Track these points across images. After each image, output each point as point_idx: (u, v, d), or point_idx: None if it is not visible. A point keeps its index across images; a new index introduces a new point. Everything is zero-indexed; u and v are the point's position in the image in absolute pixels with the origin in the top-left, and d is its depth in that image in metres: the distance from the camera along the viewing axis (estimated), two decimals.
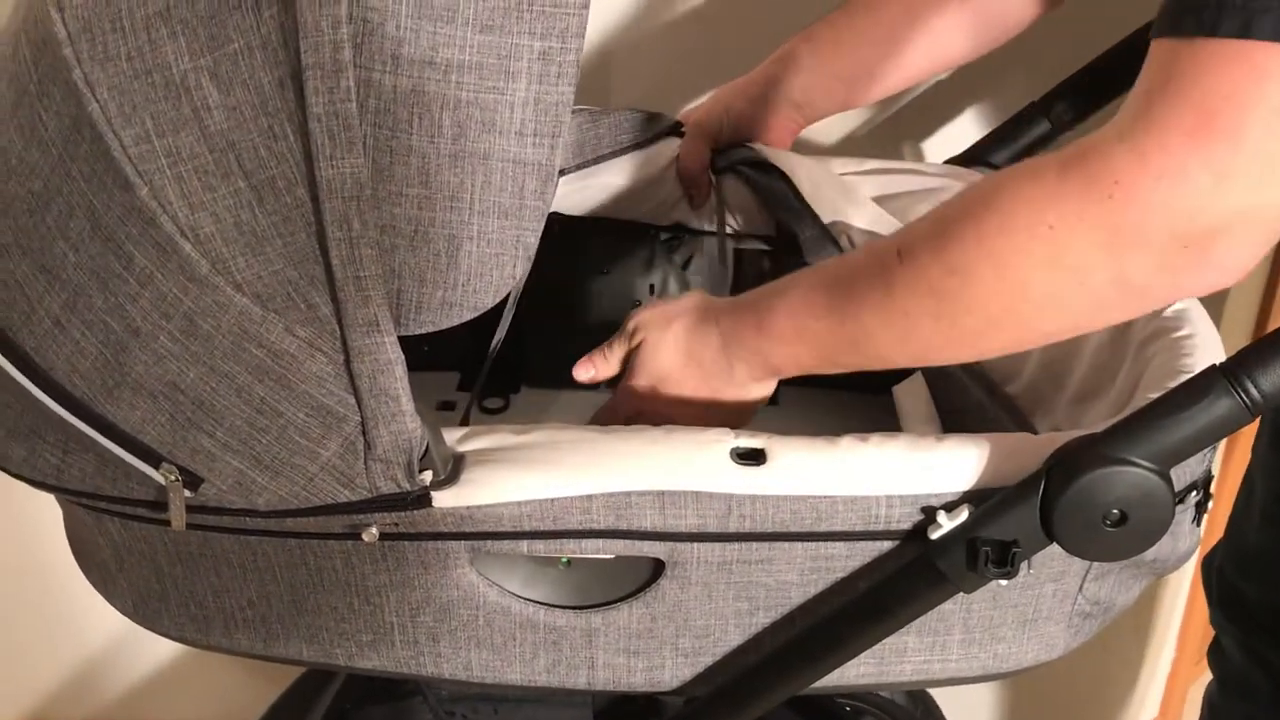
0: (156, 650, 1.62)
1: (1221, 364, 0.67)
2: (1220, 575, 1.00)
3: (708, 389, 0.81)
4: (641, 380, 0.83)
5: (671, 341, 0.82)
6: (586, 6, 0.64)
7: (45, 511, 1.37)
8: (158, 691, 1.65)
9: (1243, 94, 0.55)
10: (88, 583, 0.90)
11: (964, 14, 0.99)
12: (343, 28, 0.62)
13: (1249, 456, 1.02)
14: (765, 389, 0.82)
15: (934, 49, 1.01)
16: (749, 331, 0.78)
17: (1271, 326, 1.24)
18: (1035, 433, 0.88)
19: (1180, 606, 1.45)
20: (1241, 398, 0.65)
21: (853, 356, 0.74)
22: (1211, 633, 1.05)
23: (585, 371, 0.87)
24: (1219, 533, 1.02)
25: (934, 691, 1.21)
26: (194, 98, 0.64)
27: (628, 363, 0.85)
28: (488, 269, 0.68)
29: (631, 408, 0.85)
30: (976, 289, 0.65)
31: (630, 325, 0.85)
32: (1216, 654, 1.04)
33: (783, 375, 0.79)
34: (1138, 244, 0.59)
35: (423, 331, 0.69)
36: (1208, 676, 1.07)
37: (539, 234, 0.68)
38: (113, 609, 0.89)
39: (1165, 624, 1.47)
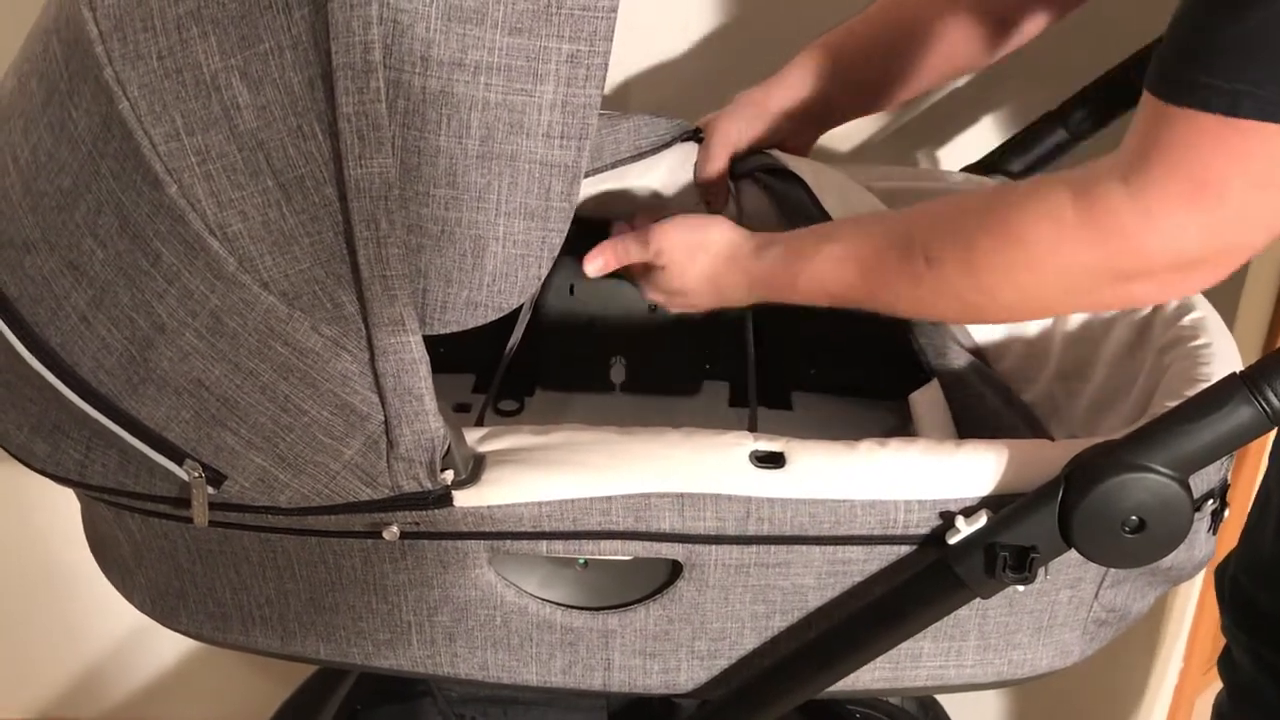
0: (165, 650, 1.62)
1: (1242, 372, 0.67)
2: (1234, 583, 1.00)
3: (719, 303, 0.89)
4: (655, 290, 0.91)
5: (696, 272, 0.87)
6: (615, 10, 0.64)
7: (56, 513, 1.38)
8: (166, 692, 1.65)
9: (1228, 169, 0.64)
10: (97, 584, 0.91)
11: (978, 20, 0.99)
12: (373, 29, 0.62)
13: (1260, 466, 1.02)
14: None
15: (950, 55, 1.02)
16: (780, 284, 0.84)
17: None
18: (1052, 439, 0.88)
19: (1189, 615, 1.45)
20: (1262, 406, 0.66)
21: (874, 312, 0.82)
22: (1222, 643, 1.05)
23: (594, 264, 0.91)
24: (1234, 540, 1.02)
25: (943, 699, 1.21)
26: (224, 97, 0.65)
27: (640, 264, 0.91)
28: (513, 269, 0.68)
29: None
30: (1000, 303, 0.74)
31: (654, 244, 0.88)
32: (1227, 663, 1.04)
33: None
34: (1141, 276, 0.69)
35: (448, 331, 0.69)
36: (1216, 686, 1.07)
37: (564, 235, 0.68)
38: (121, 609, 0.89)
39: (1174, 633, 1.47)
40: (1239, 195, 0.65)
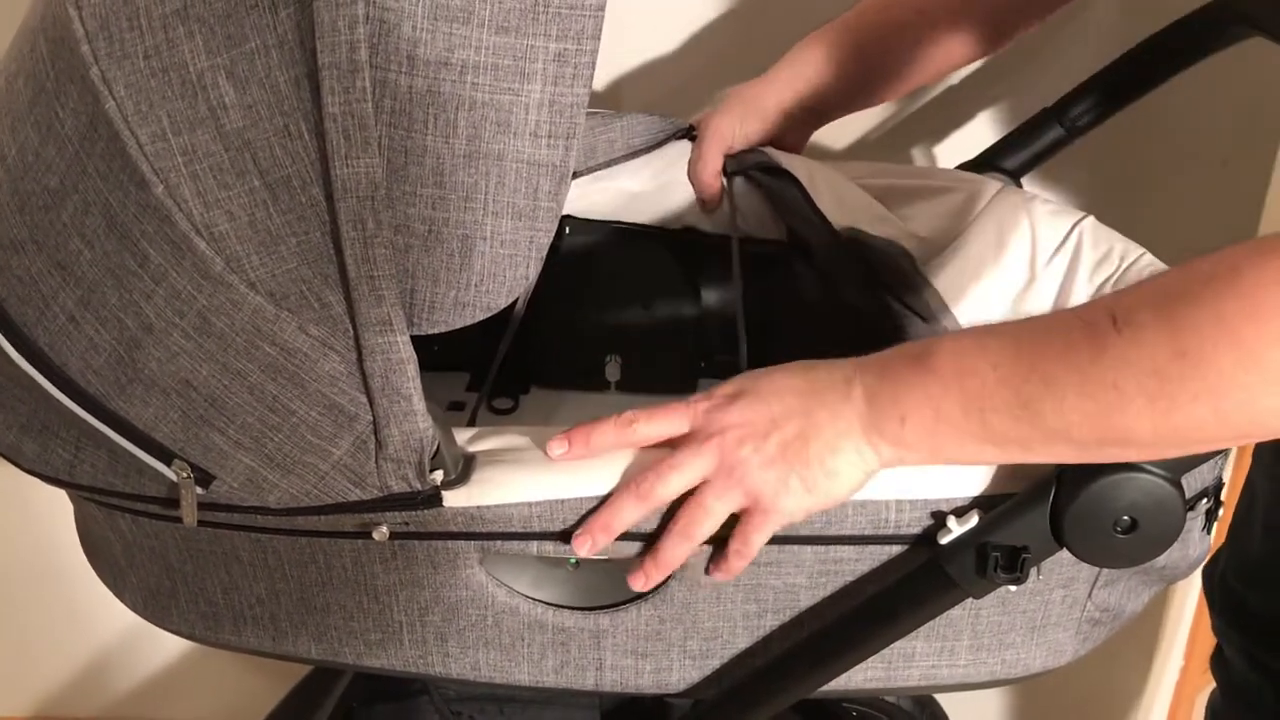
0: (163, 648, 1.63)
1: None
2: (1223, 583, 1.00)
3: (797, 429, 0.69)
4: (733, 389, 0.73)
5: (796, 370, 0.72)
6: (603, 8, 0.64)
7: (55, 509, 1.38)
8: (164, 689, 1.65)
9: None
10: (96, 581, 0.91)
11: (971, 15, 0.99)
12: (359, 28, 0.62)
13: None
14: (856, 469, 0.69)
15: (944, 50, 1.02)
16: (901, 362, 0.67)
17: None
18: None
19: (1188, 615, 1.44)
20: None
21: (1010, 420, 0.63)
22: (1216, 641, 1.04)
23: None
24: (1223, 539, 1.02)
25: (940, 697, 1.20)
26: (210, 96, 0.64)
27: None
28: (501, 269, 0.68)
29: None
30: (1210, 376, 0.57)
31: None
32: (1219, 662, 1.03)
33: (900, 443, 0.67)
34: None
35: (435, 331, 0.69)
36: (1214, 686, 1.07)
37: (552, 235, 0.68)
38: (120, 606, 0.89)
39: (1173, 632, 1.46)
40: None
